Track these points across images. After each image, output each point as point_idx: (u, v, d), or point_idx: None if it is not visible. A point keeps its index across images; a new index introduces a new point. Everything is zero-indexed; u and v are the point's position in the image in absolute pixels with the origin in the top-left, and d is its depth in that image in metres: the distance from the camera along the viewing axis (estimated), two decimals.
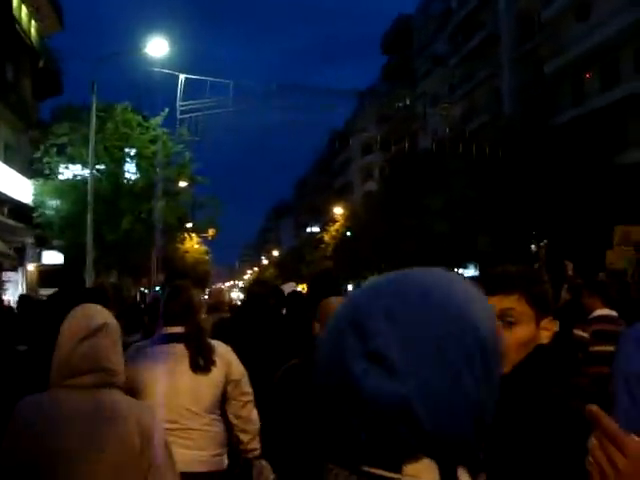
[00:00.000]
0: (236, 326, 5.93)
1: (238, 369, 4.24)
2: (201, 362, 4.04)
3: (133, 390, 3.76)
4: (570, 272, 8.92)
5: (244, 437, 4.28)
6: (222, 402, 4.20)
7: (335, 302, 3.89)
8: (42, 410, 2.69)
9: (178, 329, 4.10)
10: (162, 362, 3.99)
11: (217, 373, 4.08)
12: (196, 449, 3.98)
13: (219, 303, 8.18)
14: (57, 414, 2.67)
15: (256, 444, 4.28)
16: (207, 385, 4.05)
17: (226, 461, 4.22)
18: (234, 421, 4.26)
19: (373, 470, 0.91)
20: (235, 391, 4.23)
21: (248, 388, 4.29)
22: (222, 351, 4.20)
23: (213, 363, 4.07)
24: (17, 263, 23.79)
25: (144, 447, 2.68)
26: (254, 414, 4.30)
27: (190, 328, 4.11)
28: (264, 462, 4.19)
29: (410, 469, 0.90)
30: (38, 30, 28.55)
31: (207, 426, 4.06)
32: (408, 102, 61.11)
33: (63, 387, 2.72)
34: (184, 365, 4.01)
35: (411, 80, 59.82)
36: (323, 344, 0.98)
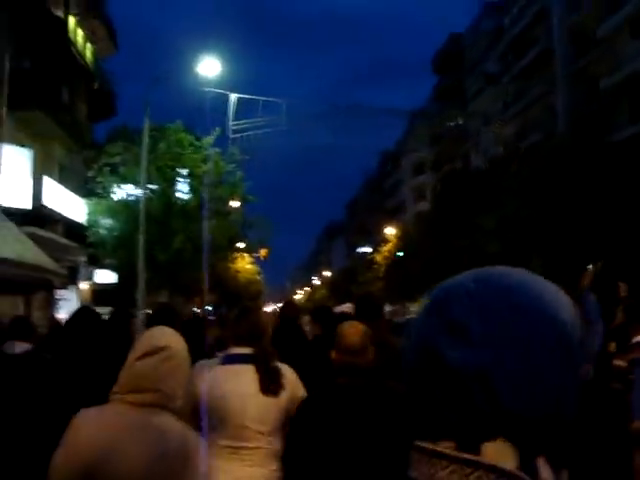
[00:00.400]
0: None
1: (302, 393, 4.24)
2: (270, 386, 4.07)
3: (197, 408, 3.86)
4: (624, 293, 8.66)
5: None
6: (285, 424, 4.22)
7: (348, 329, 3.81)
8: (94, 424, 2.69)
9: (246, 350, 4.15)
10: (231, 382, 4.04)
11: (285, 396, 4.10)
12: (258, 466, 4.01)
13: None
14: (106, 430, 2.66)
15: None
16: (275, 408, 4.07)
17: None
18: None
19: (454, 453, 0.92)
20: None
21: None
22: (288, 375, 4.23)
23: (282, 387, 4.10)
24: (69, 281, 24.08)
25: (183, 474, 2.66)
26: None
27: (258, 350, 4.15)
28: None
29: (489, 451, 0.91)
30: (93, 52, 29.10)
31: (269, 445, 4.07)
32: (460, 122, 60.78)
33: (117, 402, 2.73)
34: (253, 387, 4.04)
35: (462, 99, 59.53)
36: (414, 323, 1.04)
